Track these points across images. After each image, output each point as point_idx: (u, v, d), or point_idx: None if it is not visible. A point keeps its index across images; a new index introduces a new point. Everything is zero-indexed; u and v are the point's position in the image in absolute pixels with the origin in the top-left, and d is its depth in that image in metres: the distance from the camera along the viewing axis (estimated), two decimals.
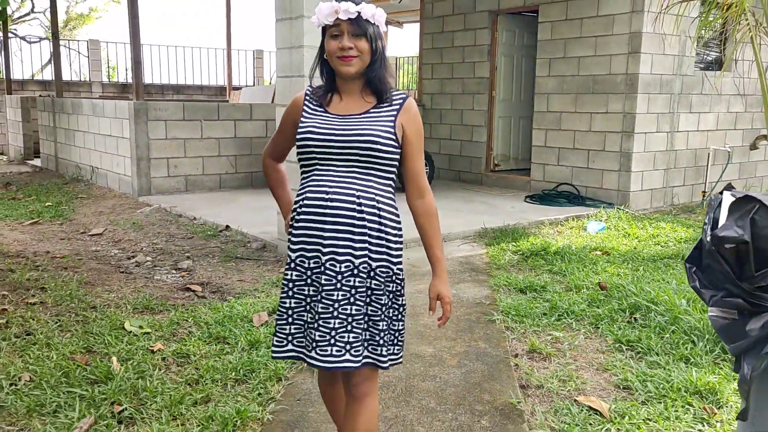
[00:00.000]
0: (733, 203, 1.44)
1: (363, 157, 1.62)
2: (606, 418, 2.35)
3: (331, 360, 1.62)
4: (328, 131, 1.64)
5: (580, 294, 3.72)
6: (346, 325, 1.63)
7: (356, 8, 1.61)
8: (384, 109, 1.67)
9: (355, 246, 1.62)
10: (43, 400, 2.32)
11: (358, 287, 1.63)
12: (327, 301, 1.62)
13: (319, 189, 1.63)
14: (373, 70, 1.65)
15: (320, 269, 1.64)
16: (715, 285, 1.46)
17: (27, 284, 3.64)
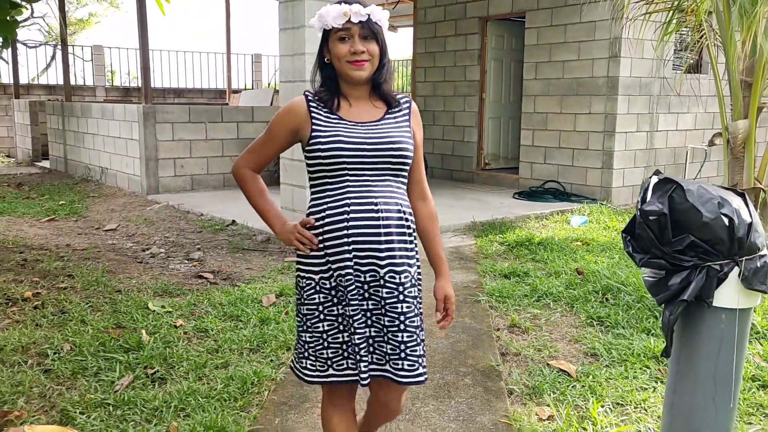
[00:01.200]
0: (656, 184, 1.81)
1: (395, 164, 1.60)
2: (573, 378, 2.72)
3: (404, 375, 1.59)
4: (359, 139, 1.57)
5: (559, 279, 4.09)
6: (415, 338, 1.60)
7: (366, 10, 1.57)
8: (398, 115, 1.65)
9: (409, 255, 1.62)
10: (85, 364, 2.67)
11: (417, 297, 1.62)
12: (392, 314, 1.58)
13: (366, 200, 1.57)
14: (381, 75, 1.62)
15: (380, 283, 1.58)
16: (644, 249, 1.83)
17: (55, 272, 3.98)
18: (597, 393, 2.53)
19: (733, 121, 3.40)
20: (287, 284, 3.83)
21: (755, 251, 1.75)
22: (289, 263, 4.39)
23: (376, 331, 1.60)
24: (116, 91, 12.58)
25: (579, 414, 2.38)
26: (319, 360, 1.63)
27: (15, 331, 2.97)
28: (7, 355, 2.74)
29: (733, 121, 3.40)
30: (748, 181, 3.42)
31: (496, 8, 7.70)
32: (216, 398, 2.41)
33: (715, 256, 1.74)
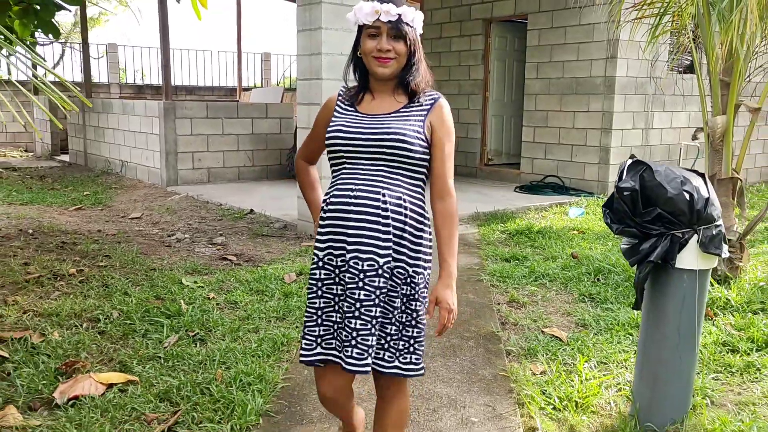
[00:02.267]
0: (629, 165, 2.16)
1: (391, 156, 1.60)
2: (564, 342, 3.06)
3: (351, 362, 1.59)
4: (356, 129, 1.62)
5: (556, 262, 4.44)
6: (370, 328, 1.59)
7: (397, 10, 1.59)
8: (414, 109, 1.65)
9: (380, 245, 1.59)
10: (134, 327, 3.03)
11: (382, 288, 1.60)
12: (350, 300, 1.60)
13: (345, 187, 1.62)
14: (409, 73, 1.64)
15: (345, 268, 1.61)
16: (619, 220, 2.18)
17: (93, 252, 4.35)
18: (584, 353, 2.88)
19: (712, 117, 3.74)
20: (306, 265, 4.19)
21: (711, 221, 2.10)
22: (306, 247, 4.74)
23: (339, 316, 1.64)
24: (129, 89, 12.95)
25: (567, 369, 2.73)
26: (309, 338, 1.66)
27: (67, 301, 3.34)
28: (63, 319, 3.10)
29: (712, 117, 3.74)
30: (726, 172, 3.76)
31: (499, 10, 8.05)
32: (251, 354, 2.76)
33: (677, 225, 2.09)
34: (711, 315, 3.38)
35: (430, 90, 1.69)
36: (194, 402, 2.34)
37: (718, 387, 2.61)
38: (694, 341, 2.19)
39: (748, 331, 3.11)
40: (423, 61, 1.67)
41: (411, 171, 1.63)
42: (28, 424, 2.17)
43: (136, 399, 2.35)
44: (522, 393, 2.51)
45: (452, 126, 1.70)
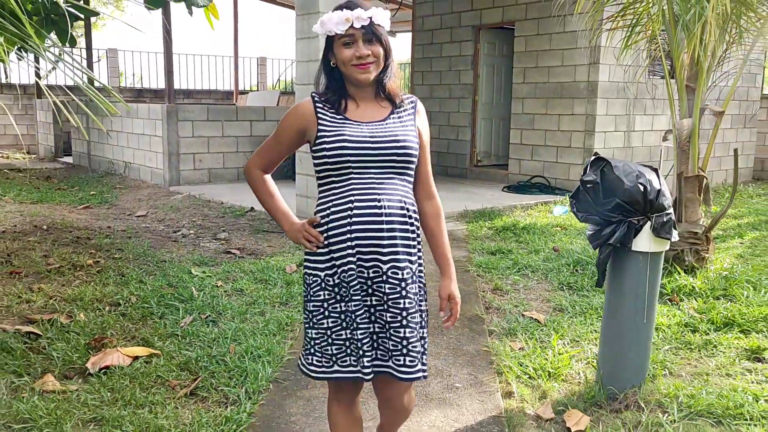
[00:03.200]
0: (592, 161, 2.49)
1: (399, 162, 1.61)
2: (542, 324, 3.38)
3: (405, 371, 1.60)
4: (362, 139, 1.60)
5: (538, 255, 4.77)
6: (416, 334, 1.61)
7: (368, 14, 1.58)
8: (404, 114, 1.67)
9: (410, 252, 1.63)
10: (151, 310, 3.33)
11: (417, 293, 1.64)
12: (395, 309, 1.59)
13: (369, 197, 1.59)
14: (387, 75, 1.64)
15: (384, 279, 1.59)
16: (584, 209, 2.51)
17: (106, 246, 4.64)
18: (559, 332, 3.20)
19: (679, 120, 4.08)
20: None
21: (662, 210, 2.43)
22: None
23: (379, 327, 1.63)
24: (129, 92, 13.21)
25: (543, 345, 3.05)
26: (324, 356, 1.66)
27: (88, 288, 3.63)
28: (86, 304, 3.39)
29: (679, 120, 4.08)
30: (693, 170, 4.10)
31: (488, 18, 8.40)
32: (259, 333, 3.06)
33: (633, 213, 2.42)
34: (677, 300, 3.72)
35: (403, 92, 1.71)
36: (211, 371, 2.64)
37: (677, 361, 2.93)
38: (650, 315, 2.51)
39: (708, 314, 3.44)
40: (394, 60, 1.67)
41: (409, 174, 1.66)
42: (67, 388, 2.47)
43: (159, 368, 2.65)
44: (501, 364, 2.83)
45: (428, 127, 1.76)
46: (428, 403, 2.51)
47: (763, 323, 3.30)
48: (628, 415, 2.39)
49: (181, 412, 2.33)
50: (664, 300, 3.73)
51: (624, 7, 4.29)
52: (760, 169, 9.63)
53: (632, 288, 2.49)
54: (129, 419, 2.24)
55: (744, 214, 6.62)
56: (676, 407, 2.43)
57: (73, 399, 2.38)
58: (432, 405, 2.50)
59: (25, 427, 2.19)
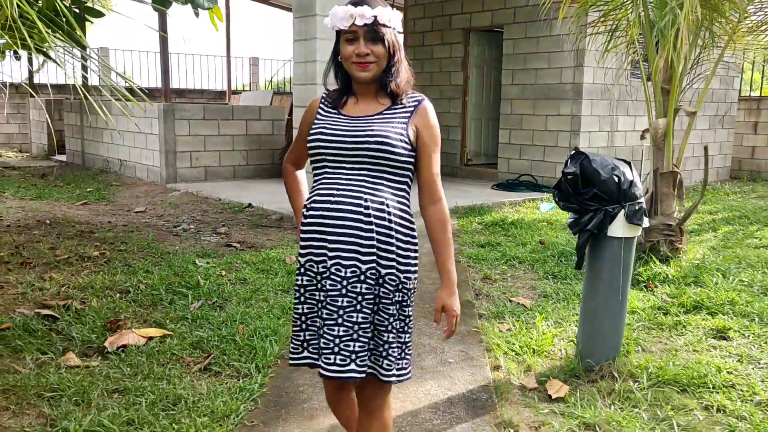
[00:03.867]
0: (572, 155, 2.74)
1: (373, 159, 1.57)
2: (528, 308, 3.63)
3: (334, 369, 1.57)
4: (338, 132, 1.59)
5: (525, 247, 5.02)
6: (351, 334, 1.57)
7: (372, 12, 1.55)
8: (398, 111, 1.62)
9: (361, 251, 1.57)
10: (160, 297, 3.52)
11: (365, 294, 1.58)
12: (332, 307, 1.58)
13: (327, 191, 1.59)
14: (389, 75, 1.60)
15: (327, 274, 1.59)
16: (565, 199, 2.75)
17: (110, 239, 4.81)
18: (543, 315, 3.45)
19: (655, 120, 4.36)
20: None
21: (634, 199, 2.68)
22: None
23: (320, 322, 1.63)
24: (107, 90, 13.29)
25: (528, 327, 3.29)
26: (295, 341, 1.67)
27: (97, 277, 3.81)
28: (98, 291, 3.58)
29: (655, 120, 4.36)
30: (668, 166, 4.37)
31: (477, 21, 8.67)
32: (265, 316, 3.27)
33: (608, 202, 2.67)
34: (651, 286, 3.99)
35: (412, 91, 1.66)
36: (222, 349, 2.85)
37: (649, 339, 3.19)
38: (624, 294, 2.76)
39: (680, 299, 3.71)
40: (404, 62, 1.64)
41: (394, 174, 1.60)
42: (89, 364, 2.66)
43: (174, 347, 2.85)
44: (490, 342, 3.07)
45: (437, 128, 1.65)
46: (423, 375, 2.74)
47: (729, 306, 3.57)
48: (603, 384, 2.64)
49: (197, 384, 2.53)
50: (640, 287, 4.00)
51: (604, 13, 4.56)
52: (737, 168, 10.01)
53: (608, 270, 2.74)
54: (150, 389, 2.44)
55: (719, 210, 6.93)
56: (646, 377, 2.68)
57: (96, 373, 2.58)
58: (427, 377, 2.73)
59: (54, 396, 2.39)
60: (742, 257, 4.67)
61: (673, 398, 2.55)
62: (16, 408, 2.33)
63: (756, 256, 4.75)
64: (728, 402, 2.52)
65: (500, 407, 2.46)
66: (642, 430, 2.32)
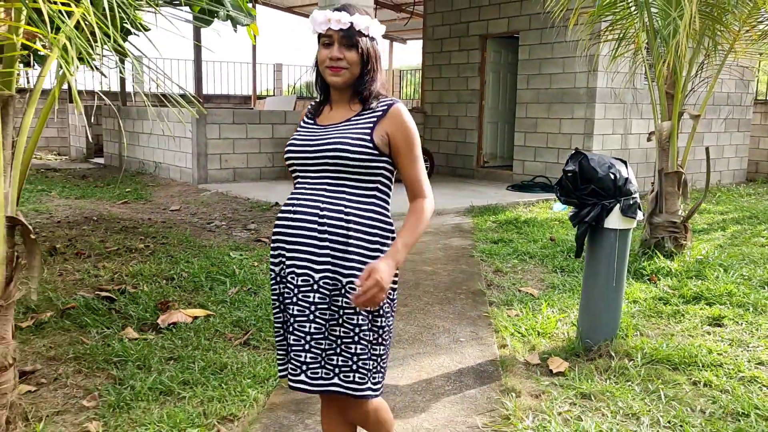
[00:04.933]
0: (572, 155, 3.04)
1: (332, 166, 1.56)
2: (535, 297, 3.93)
3: (289, 377, 1.58)
4: (303, 142, 1.61)
5: (536, 244, 5.31)
6: (303, 344, 1.54)
7: (349, 18, 1.55)
8: (364, 116, 1.61)
9: (315, 260, 1.55)
10: (201, 284, 3.91)
11: (317, 304, 1.54)
12: (287, 315, 1.59)
13: (289, 201, 1.61)
14: (362, 82, 1.60)
15: (284, 282, 1.60)
16: (566, 194, 3.06)
17: (152, 234, 5.24)
18: (549, 303, 3.75)
19: (660, 123, 4.62)
20: None
21: (629, 194, 2.97)
22: None
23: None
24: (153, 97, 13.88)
25: (534, 312, 3.60)
26: (279, 352, 1.66)
27: (144, 266, 4.23)
28: (146, 278, 3.98)
29: (660, 123, 4.62)
30: (672, 167, 4.63)
31: (494, 28, 8.97)
32: None
33: (605, 197, 2.97)
34: (655, 280, 4.25)
35: (384, 96, 1.64)
36: (259, 327, 3.22)
37: (648, 325, 3.47)
38: (619, 280, 3.05)
39: (680, 290, 3.97)
40: (379, 71, 1.63)
41: (358, 181, 1.58)
42: (146, 337, 3.06)
43: (217, 325, 3.23)
44: (498, 325, 3.39)
45: (411, 129, 1.62)
46: (437, 351, 3.07)
47: (726, 297, 3.83)
48: (600, 362, 2.94)
49: (239, 355, 2.90)
50: (644, 280, 4.26)
51: (612, 22, 4.84)
52: (754, 170, 10.11)
53: (605, 258, 3.03)
54: (200, 357, 2.82)
55: (730, 210, 7.11)
56: (641, 356, 2.96)
57: (152, 344, 2.96)
58: (441, 353, 3.06)
59: (119, 362, 2.78)
60: (746, 254, 4.89)
61: (664, 374, 2.83)
62: (87, 371, 2.72)
63: (760, 253, 4.96)
64: (714, 378, 2.79)
65: (505, 378, 2.77)
66: (633, 399, 2.60)
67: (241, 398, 2.48)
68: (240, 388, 2.55)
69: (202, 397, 2.48)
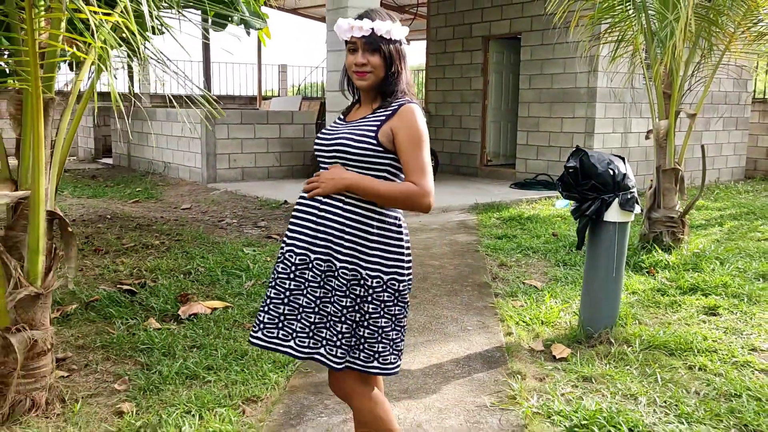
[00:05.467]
0: (573, 152, 3.20)
1: (340, 160, 1.71)
2: (539, 289, 4.09)
3: (305, 351, 1.72)
4: (323, 139, 1.78)
5: (539, 239, 5.46)
6: (325, 323, 1.71)
7: (370, 25, 1.66)
8: (376, 114, 1.73)
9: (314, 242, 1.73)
10: (217, 277, 4.07)
11: (310, 281, 1.72)
12: (280, 288, 1.75)
13: None
14: (387, 84, 1.71)
15: (307, 267, 1.73)
16: (567, 189, 3.21)
17: (166, 231, 5.41)
18: (552, 294, 3.90)
19: (658, 121, 4.77)
20: None
21: (627, 189, 3.13)
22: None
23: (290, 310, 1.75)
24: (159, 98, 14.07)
25: (538, 303, 3.75)
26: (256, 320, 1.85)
27: (161, 261, 4.39)
28: (164, 272, 4.15)
29: (658, 121, 4.77)
30: (670, 163, 4.78)
31: (496, 29, 9.13)
32: None
33: (605, 192, 3.12)
34: (653, 272, 4.40)
35: (403, 96, 1.74)
36: None
37: (646, 315, 3.62)
38: (618, 270, 3.21)
39: (677, 282, 4.13)
40: (403, 72, 1.73)
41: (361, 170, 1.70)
42: (168, 327, 3.22)
43: (235, 315, 3.39)
44: (504, 315, 3.54)
45: (417, 129, 1.70)
46: (446, 339, 3.22)
47: (722, 288, 3.98)
48: (601, 348, 3.09)
49: None
50: (642, 272, 4.42)
51: (611, 24, 5.00)
52: (752, 168, 10.24)
53: (605, 250, 3.19)
54: (221, 345, 2.98)
55: (728, 207, 7.26)
56: (639, 343, 3.12)
57: (175, 334, 3.13)
58: (450, 340, 3.22)
59: (145, 350, 2.94)
60: (742, 248, 5.04)
61: (661, 359, 2.99)
62: (115, 358, 2.89)
63: (756, 247, 5.11)
64: (709, 363, 2.94)
65: (511, 362, 2.93)
66: (632, 382, 2.76)
67: (263, 381, 2.64)
68: (261, 373, 2.71)
69: (226, 380, 2.65)
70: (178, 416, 2.33)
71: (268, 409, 2.46)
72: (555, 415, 2.41)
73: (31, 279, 2.26)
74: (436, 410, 2.50)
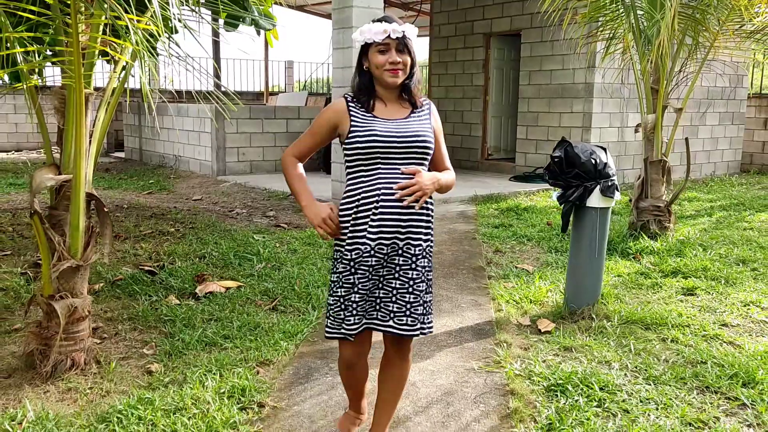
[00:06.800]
0: (559, 143, 3.48)
1: (419, 155, 1.94)
2: (530, 273, 4.37)
3: (406, 329, 1.95)
4: (389, 134, 1.91)
5: (534, 228, 5.74)
6: (419, 299, 1.96)
7: (402, 28, 1.90)
8: (422, 114, 2.00)
9: (423, 230, 1.97)
10: (230, 261, 4.38)
11: (426, 267, 1.98)
12: (404, 278, 1.94)
13: (389, 186, 1.91)
14: (412, 81, 1.97)
15: (397, 252, 1.93)
16: (554, 177, 3.49)
17: (180, 220, 5.72)
18: (541, 276, 4.18)
19: (645, 115, 5.03)
20: None
21: (608, 177, 3.41)
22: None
23: (385, 293, 1.96)
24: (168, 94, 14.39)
25: (528, 284, 4.04)
26: (336, 320, 1.98)
27: (178, 246, 4.70)
28: (180, 256, 4.46)
29: (645, 115, 5.03)
30: (657, 155, 5.04)
31: (497, 26, 9.38)
32: (316, 274, 4.10)
33: (587, 180, 3.40)
34: (639, 257, 4.67)
35: (419, 93, 2.02)
36: (285, 295, 3.68)
37: (629, 295, 3.90)
38: (600, 251, 3.48)
39: (660, 266, 4.40)
40: (417, 68, 2.01)
41: (425, 166, 1.98)
42: (186, 303, 3.53)
43: (247, 294, 3.70)
44: (495, 294, 3.83)
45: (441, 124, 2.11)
46: (441, 314, 3.52)
47: (702, 272, 4.25)
48: (583, 323, 3.38)
49: (269, 317, 3.37)
50: (629, 258, 4.69)
51: (602, 23, 5.25)
52: (749, 162, 10.46)
53: (588, 233, 3.47)
54: (236, 318, 3.29)
55: (719, 198, 7.50)
56: (618, 318, 3.40)
57: (194, 308, 3.44)
58: (444, 315, 3.51)
59: (167, 321, 3.25)
60: (727, 236, 5.30)
61: (637, 332, 3.27)
62: (142, 328, 3.20)
63: (740, 235, 5.37)
64: (681, 335, 3.22)
65: (499, 334, 3.22)
66: (608, 351, 3.04)
67: (274, 348, 2.94)
68: (273, 341, 3.02)
69: (242, 347, 2.95)
70: (201, 374, 2.63)
71: (279, 370, 2.76)
72: (535, 377, 2.70)
73: (72, 252, 2.57)
74: (429, 372, 2.80)
